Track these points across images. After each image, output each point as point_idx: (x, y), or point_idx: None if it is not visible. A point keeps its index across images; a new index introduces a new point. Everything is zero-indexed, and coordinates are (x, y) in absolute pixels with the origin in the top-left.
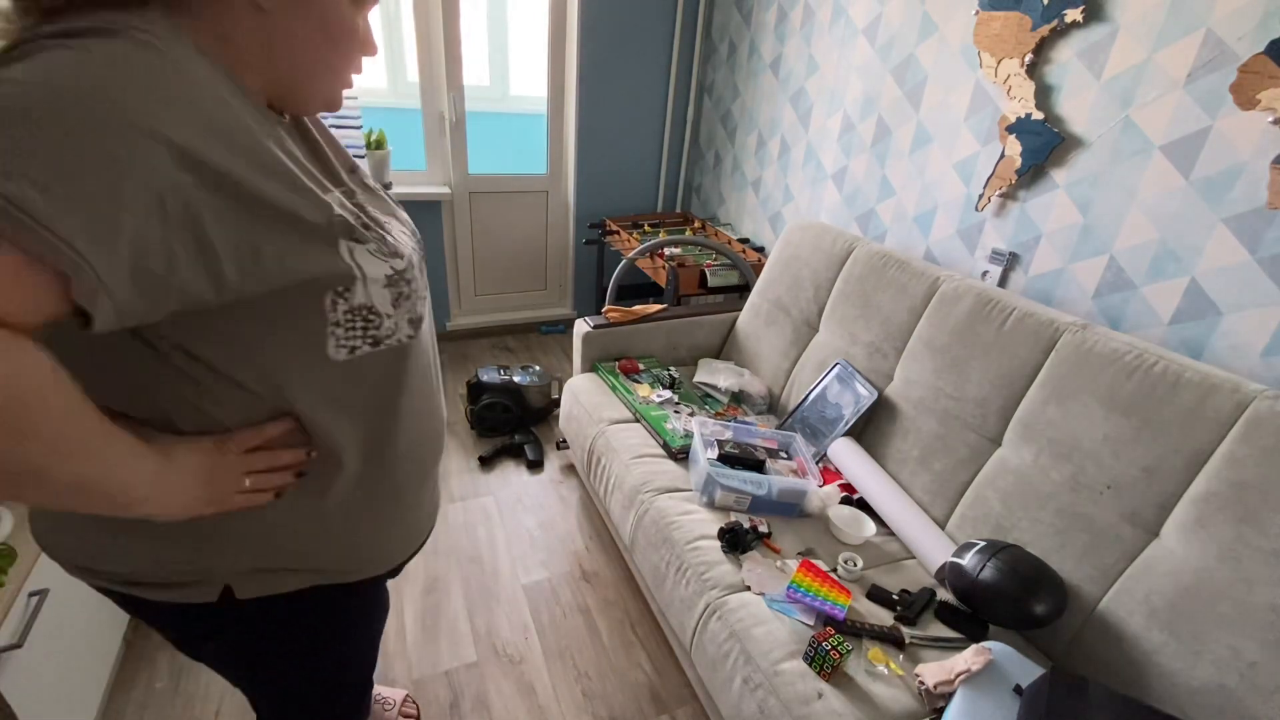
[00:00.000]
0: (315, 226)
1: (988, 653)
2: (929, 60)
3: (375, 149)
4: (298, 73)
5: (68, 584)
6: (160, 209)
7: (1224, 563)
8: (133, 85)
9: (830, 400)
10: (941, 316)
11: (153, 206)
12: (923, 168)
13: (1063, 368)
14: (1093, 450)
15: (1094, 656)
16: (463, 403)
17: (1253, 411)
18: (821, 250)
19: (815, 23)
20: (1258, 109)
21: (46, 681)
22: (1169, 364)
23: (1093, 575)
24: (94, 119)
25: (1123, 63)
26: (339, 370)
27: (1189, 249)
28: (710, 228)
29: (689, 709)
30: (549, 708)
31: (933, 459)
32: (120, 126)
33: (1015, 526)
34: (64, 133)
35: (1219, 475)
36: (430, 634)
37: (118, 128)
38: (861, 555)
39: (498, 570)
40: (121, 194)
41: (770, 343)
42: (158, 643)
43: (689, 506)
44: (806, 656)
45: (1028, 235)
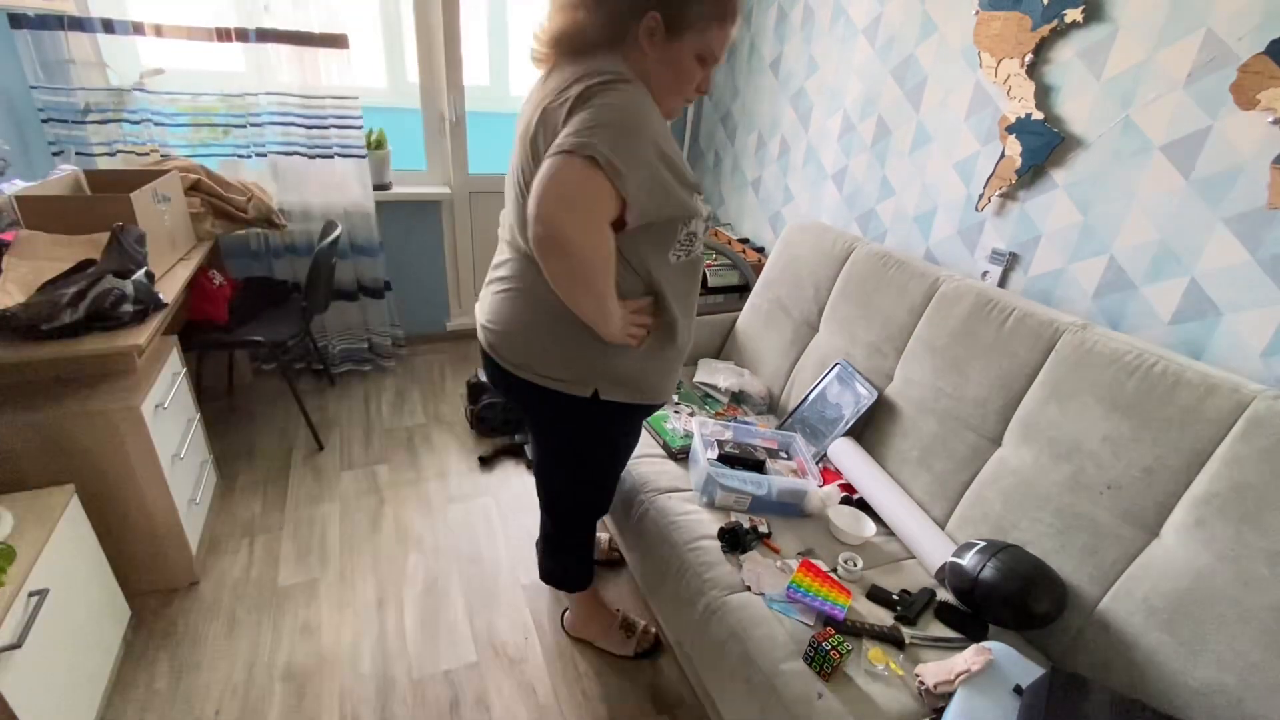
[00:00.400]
0: (691, 183)
1: (988, 653)
2: (929, 60)
3: (375, 149)
4: (661, 95)
5: (68, 584)
6: (650, 170)
7: (1224, 563)
8: (649, 109)
9: (830, 400)
10: (941, 316)
11: (647, 169)
12: (923, 168)
13: (1063, 368)
14: (1093, 450)
15: (1094, 656)
16: (463, 403)
17: (1253, 411)
18: (821, 250)
19: (815, 23)
20: (1258, 109)
21: (46, 681)
22: (1169, 364)
23: (1093, 575)
24: (638, 126)
25: (1123, 63)
26: (674, 270)
27: (1189, 249)
28: (710, 227)
29: (689, 709)
30: (549, 708)
31: (933, 459)
32: (642, 129)
33: (1015, 526)
34: (628, 131)
35: (1219, 475)
36: (430, 634)
37: (641, 130)
38: (861, 555)
39: (498, 570)
40: (639, 160)
41: (770, 343)
42: (158, 643)
43: (689, 506)
44: (806, 656)
45: (1028, 235)
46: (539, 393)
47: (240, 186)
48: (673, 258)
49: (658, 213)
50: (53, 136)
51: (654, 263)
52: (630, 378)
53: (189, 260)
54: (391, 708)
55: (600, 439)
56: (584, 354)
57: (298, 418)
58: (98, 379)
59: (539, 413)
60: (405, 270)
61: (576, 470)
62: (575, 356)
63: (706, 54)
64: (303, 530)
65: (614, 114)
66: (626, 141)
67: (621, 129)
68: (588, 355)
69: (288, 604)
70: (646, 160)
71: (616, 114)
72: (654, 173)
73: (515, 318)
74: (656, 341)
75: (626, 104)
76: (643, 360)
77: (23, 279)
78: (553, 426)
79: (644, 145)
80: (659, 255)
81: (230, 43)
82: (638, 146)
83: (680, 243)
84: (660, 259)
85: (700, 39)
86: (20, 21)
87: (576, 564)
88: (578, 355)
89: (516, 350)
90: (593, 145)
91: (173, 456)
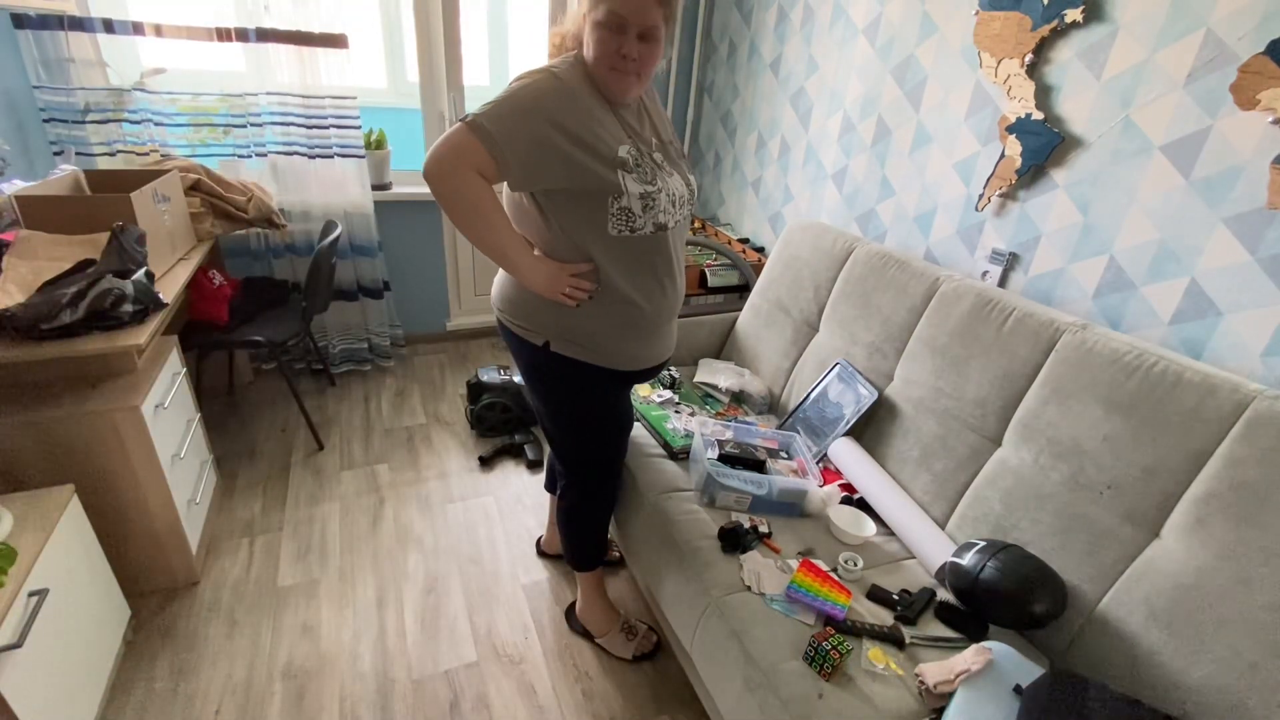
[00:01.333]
0: (611, 159)
1: (988, 653)
2: (929, 60)
3: (375, 149)
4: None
5: (68, 584)
6: (537, 141)
7: (1224, 563)
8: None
9: (830, 400)
10: (941, 317)
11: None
12: (923, 168)
13: (1063, 368)
14: (1093, 450)
15: (1094, 656)
16: (463, 403)
17: (1253, 411)
18: (821, 250)
19: (815, 23)
20: (1258, 109)
21: (46, 681)
22: (1169, 364)
23: (1093, 575)
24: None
25: (1123, 63)
26: (615, 242)
27: (1189, 249)
28: (710, 228)
29: (689, 709)
30: (549, 708)
31: (933, 459)
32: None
33: (1015, 526)
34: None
35: (1219, 475)
36: (430, 634)
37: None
38: (861, 555)
39: (498, 570)
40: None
41: (770, 343)
42: (158, 643)
43: (689, 506)
44: (806, 656)
45: (1028, 235)
46: (509, 335)
47: (240, 186)
48: (613, 230)
49: (555, 180)
50: (54, 136)
51: (587, 233)
52: (581, 337)
53: (189, 260)
54: (391, 708)
55: (568, 393)
56: (540, 306)
57: (298, 418)
58: (98, 379)
59: (516, 357)
60: (405, 270)
61: (559, 420)
62: (533, 308)
63: (607, 19)
64: (303, 530)
65: (510, 95)
66: (511, 114)
67: (509, 105)
68: (542, 308)
69: (288, 604)
70: (532, 131)
71: (511, 94)
72: (544, 143)
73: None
74: (603, 309)
75: (526, 86)
76: (590, 322)
77: (23, 279)
78: (528, 374)
79: (531, 119)
80: (592, 226)
81: (230, 42)
82: (523, 119)
83: (614, 215)
84: (595, 231)
85: (594, 7)
86: (23, 22)
87: (583, 538)
88: (535, 307)
89: (498, 294)
90: (478, 115)
91: (173, 456)
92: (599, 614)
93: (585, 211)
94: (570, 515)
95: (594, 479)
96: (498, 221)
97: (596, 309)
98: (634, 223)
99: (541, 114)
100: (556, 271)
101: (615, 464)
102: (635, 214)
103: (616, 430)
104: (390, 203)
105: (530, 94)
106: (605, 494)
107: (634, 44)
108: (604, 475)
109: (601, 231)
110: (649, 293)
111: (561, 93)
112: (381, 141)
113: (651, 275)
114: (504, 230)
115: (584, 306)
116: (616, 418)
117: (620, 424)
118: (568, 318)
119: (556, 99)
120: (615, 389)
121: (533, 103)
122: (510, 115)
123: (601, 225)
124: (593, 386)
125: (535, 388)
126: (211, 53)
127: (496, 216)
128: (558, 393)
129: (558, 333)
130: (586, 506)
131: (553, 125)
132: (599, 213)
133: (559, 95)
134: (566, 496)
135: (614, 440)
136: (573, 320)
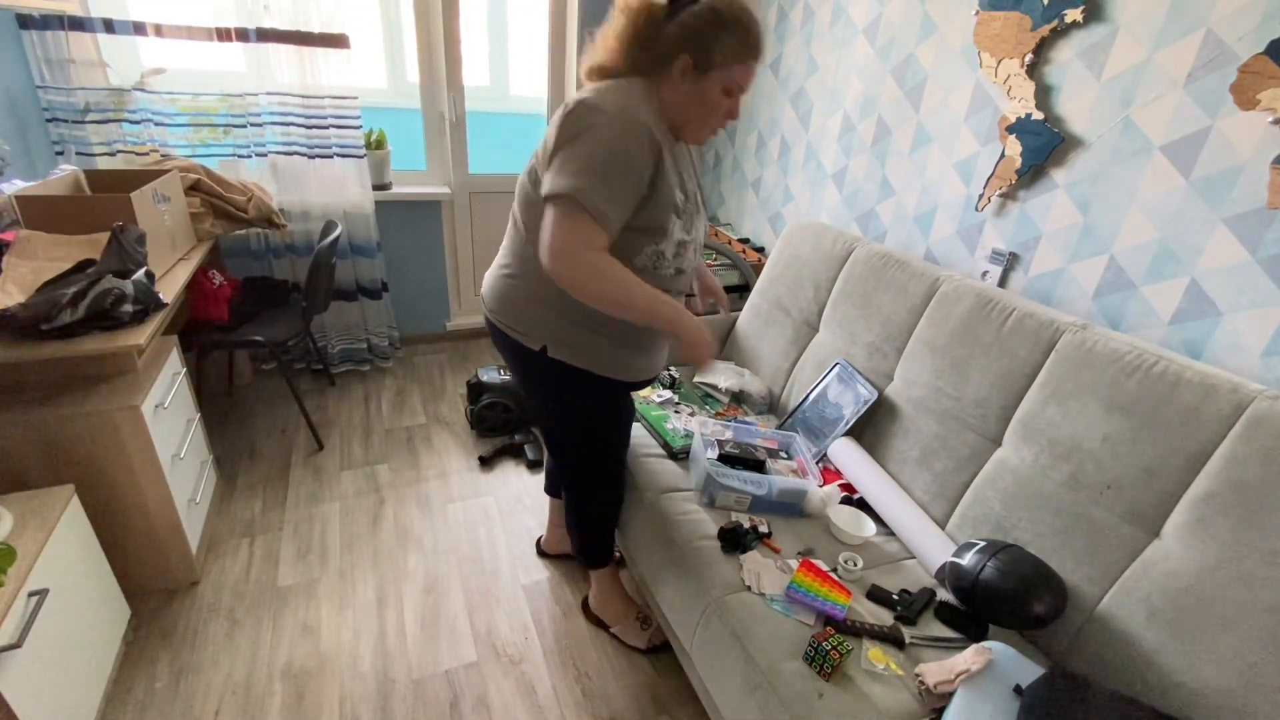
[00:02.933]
0: (670, 202)
1: (988, 653)
2: (929, 60)
3: (375, 149)
4: (691, 124)
5: (68, 584)
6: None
7: (1224, 563)
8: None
9: (830, 400)
10: (941, 317)
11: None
12: (923, 168)
13: (1063, 368)
14: (1093, 450)
15: (1094, 656)
16: (463, 403)
17: (1253, 412)
18: (821, 250)
19: (815, 23)
20: (1258, 109)
21: (46, 681)
22: (1169, 364)
23: (1093, 575)
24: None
25: (1123, 63)
26: (635, 271)
27: (1189, 249)
28: (710, 228)
29: (689, 709)
30: (549, 708)
31: (933, 459)
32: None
33: (1015, 526)
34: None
35: (1219, 475)
36: (430, 634)
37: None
38: (861, 555)
39: (498, 570)
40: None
41: (770, 343)
42: (158, 643)
43: (689, 506)
44: (806, 656)
45: (1028, 235)
46: (503, 338)
47: (240, 186)
48: (638, 263)
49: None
50: (57, 136)
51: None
52: (578, 344)
53: (189, 260)
54: (391, 707)
55: (567, 395)
56: (537, 310)
57: (298, 418)
58: (98, 379)
59: (511, 360)
60: (405, 270)
61: (557, 421)
62: (530, 312)
63: (733, 87)
64: (303, 530)
65: (604, 157)
66: (612, 181)
67: (607, 170)
68: (539, 312)
69: (288, 604)
70: (630, 192)
71: (602, 158)
72: (636, 196)
73: (498, 270)
74: (602, 323)
75: (612, 143)
76: (588, 333)
77: (23, 279)
78: (523, 378)
79: (628, 182)
80: (620, 252)
81: (230, 42)
82: (622, 184)
83: (647, 253)
84: (621, 257)
85: (726, 74)
86: (27, 22)
87: (592, 536)
88: (532, 311)
89: (491, 295)
90: (581, 192)
91: (173, 456)
92: (615, 605)
93: (622, 240)
94: (578, 515)
95: (595, 476)
96: (636, 285)
97: (595, 322)
98: (661, 263)
99: (635, 173)
100: (706, 332)
101: (617, 461)
102: (666, 258)
103: (617, 428)
104: (390, 203)
105: (622, 153)
106: (611, 491)
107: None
108: (606, 472)
109: (627, 260)
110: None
111: (649, 142)
112: (381, 141)
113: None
114: (647, 289)
115: (585, 318)
116: (617, 414)
117: (621, 421)
118: (565, 325)
119: (646, 151)
120: (614, 390)
121: (626, 165)
122: (612, 183)
123: (630, 255)
124: (591, 389)
125: (533, 390)
126: (211, 53)
127: (633, 282)
128: (556, 395)
129: (555, 338)
130: (592, 505)
131: (643, 180)
132: (634, 244)
133: (648, 146)
134: (571, 497)
135: (614, 438)
136: (571, 329)
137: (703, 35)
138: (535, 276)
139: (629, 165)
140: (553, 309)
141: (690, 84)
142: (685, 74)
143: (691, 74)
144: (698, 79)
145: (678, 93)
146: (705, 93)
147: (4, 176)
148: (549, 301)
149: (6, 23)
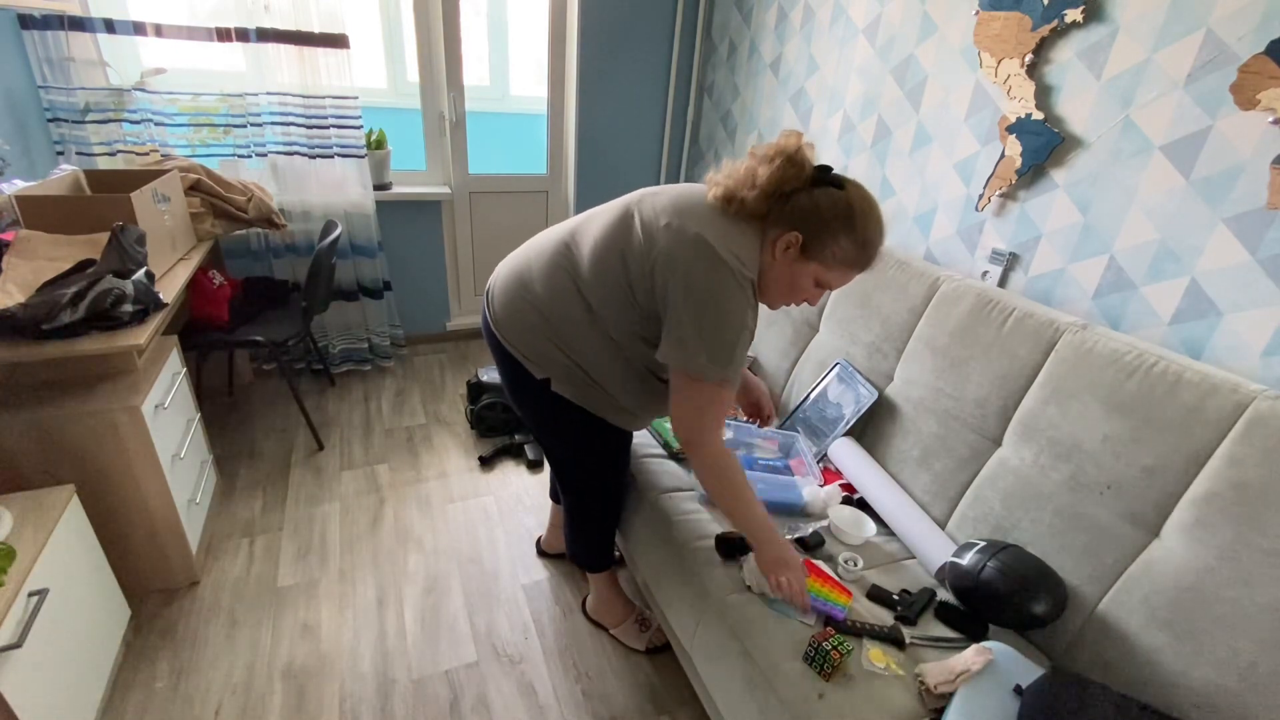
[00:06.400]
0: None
1: (988, 653)
2: (929, 60)
3: (375, 149)
4: (772, 292)
5: (68, 584)
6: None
7: (1224, 563)
8: (742, 303)
9: (830, 400)
10: (941, 317)
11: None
12: (923, 168)
13: (1063, 368)
14: (1093, 450)
15: (1094, 656)
16: (463, 403)
17: (1253, 411)
18: None
19: (815, 23)
20: (1258, 109)
21: (46, 681)
22: (1169, 364)
23: (1093, 575)
24: (737, 335)
25: (1123, 63)
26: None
27: (1189, 249)
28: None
29: (689, 709)
30: (549, 708)
31: (933, 459)
32: (741, 335)
33: (1015, 526)
34: (733, 344)
35: (1219, 475)
36: (430, 634)
37: (741, 335)
38: (861, 555)
39: (498, 570)
40: (742, 360)
41: (770, 343)
42: (158, 643)
43: (689, 506)
44: (806, 656)
45: (1028, 235)
46: (506, 357)
47: (240, 186)
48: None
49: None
50: (57, 136)
51: (643, 355)
52: (581, 386)
53: (189, 260)
54: (391, 708)
55: (566, 424)
56: (548, 346)
57: (298, 418)
58: (98, 379)
59: (509, 377)
60: (405, 270)
61: (554, 442)
62: (540, 345)
63: (825, 283)
64: (303, 530)
65: (723, 330)
66: (739, 350)
67: (735, 340)
68: (550, 348)
69: (288, 604)
70: (745, 358)
71: (726, 330)
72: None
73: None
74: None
75: (731, 312)
76: (591, 386)
77: (23, 279)
78: (519, 398)
79: (745, 345)
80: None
81: (230, 42)
82: (743, 349)
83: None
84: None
85: (826, 271)
86: (28, 22)
87: (589, 543)
88: (543, 345)
89: (504, 315)
90: (715, 371)
91: (173, 456)
92: (613, 609)
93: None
94: (575, 522)
95: (591, 487)
96: (747, 497)
97: (598, 377)
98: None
99: (749, 335)
100: (793, 557)
101: (617, 472)
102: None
103: (615, 453)
104: (390, 203)
105: (739, 321)
106: (608, 501)
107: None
108: (603, 484)
109: (652, 362)
110: (646, 406)
111: (753, 307)
112: (382, 141)
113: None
114: (757, 508)
115: (585, 371)
116: (615, 440)
117: (619, 447)
118: (572, 366)
119: (752, 313)
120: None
121: (742, 330)
122: (739, 354)
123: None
124: (588, 423)
125: (523, 405)
126: (211, 53)
127: (745, 490)
128: (554, 422)
129: (562, 375)
130: (590, 515)
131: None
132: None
133: (752, 309)
134: (568, 504)
135: (612, 461)
136: (574, 371)
137: (826, 225)
138: (586, 357)
139: (748, 336)
140: (577, 373)
141: (789, 260)
142: (790, 248)
143: (795, 251)
144: (799, 259)
145: (774, 260)
146: (799, 275)
147: (4, 176)
148: (576, 366)
149: (7, 22)
